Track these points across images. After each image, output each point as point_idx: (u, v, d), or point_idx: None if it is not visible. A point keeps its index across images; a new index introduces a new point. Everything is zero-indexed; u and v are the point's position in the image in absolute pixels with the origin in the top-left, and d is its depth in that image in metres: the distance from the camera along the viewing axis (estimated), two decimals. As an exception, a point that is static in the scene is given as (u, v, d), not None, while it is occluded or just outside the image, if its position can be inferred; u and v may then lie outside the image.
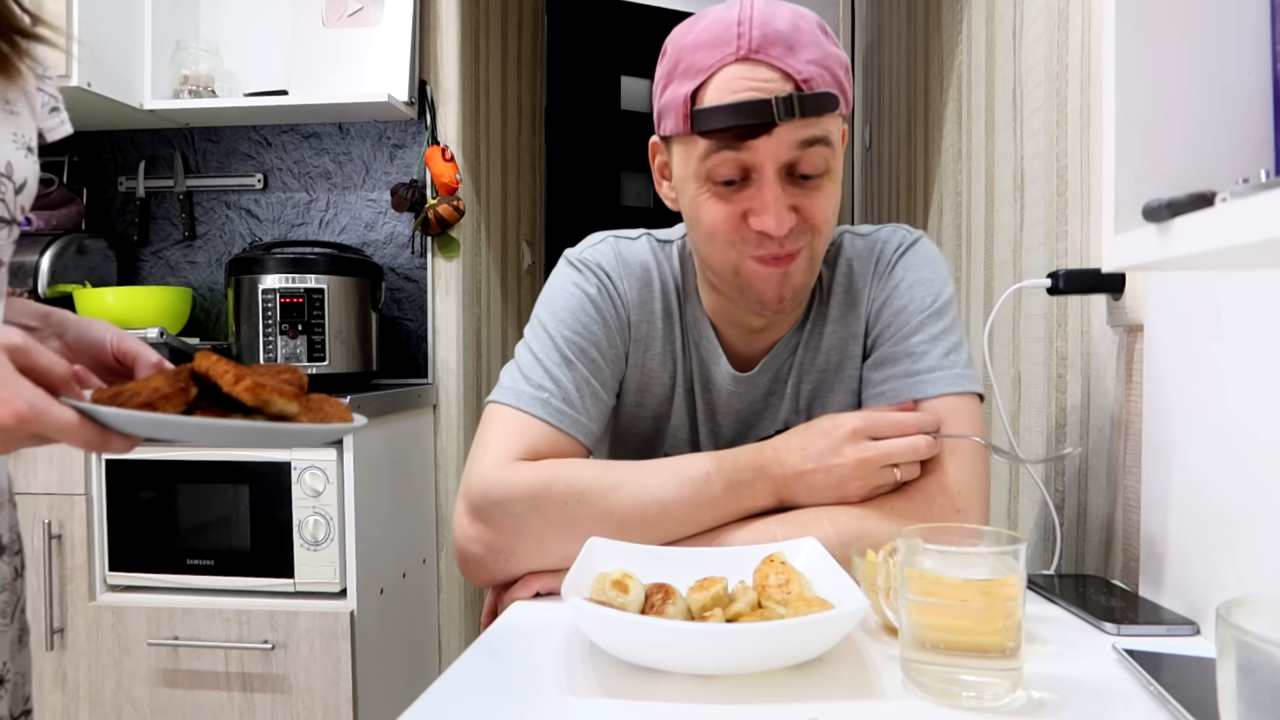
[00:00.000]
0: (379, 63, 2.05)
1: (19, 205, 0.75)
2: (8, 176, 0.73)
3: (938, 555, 0.60)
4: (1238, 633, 0.40)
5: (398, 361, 2.17)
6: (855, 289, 0.94)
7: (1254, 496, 0.66)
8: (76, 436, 0.59)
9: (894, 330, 0.90)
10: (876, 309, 0.93)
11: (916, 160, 2.07)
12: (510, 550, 0.83)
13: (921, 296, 0.90)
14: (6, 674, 0.79)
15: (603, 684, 0.61)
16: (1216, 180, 0.47)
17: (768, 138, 0.78)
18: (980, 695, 0.57)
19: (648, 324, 0.95)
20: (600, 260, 0.94)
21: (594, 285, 0.93)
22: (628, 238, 0.97)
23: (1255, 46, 0.48)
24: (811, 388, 0.95)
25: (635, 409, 0.98)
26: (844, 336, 0.94)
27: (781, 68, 0.77)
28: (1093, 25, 1.03)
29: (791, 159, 0.80)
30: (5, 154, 0.73)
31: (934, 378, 0.87)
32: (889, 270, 0.93)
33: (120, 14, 1.92)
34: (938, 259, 0.94)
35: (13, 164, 0.74)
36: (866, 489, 0.82)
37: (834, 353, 0.94)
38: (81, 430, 0.59)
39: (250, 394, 0.62)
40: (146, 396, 0.61)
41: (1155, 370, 0.83)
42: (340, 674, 1.62)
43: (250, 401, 0.62)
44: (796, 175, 0.81)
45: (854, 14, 3.18)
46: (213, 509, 1.66)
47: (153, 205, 2.24)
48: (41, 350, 0.60)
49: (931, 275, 0.92)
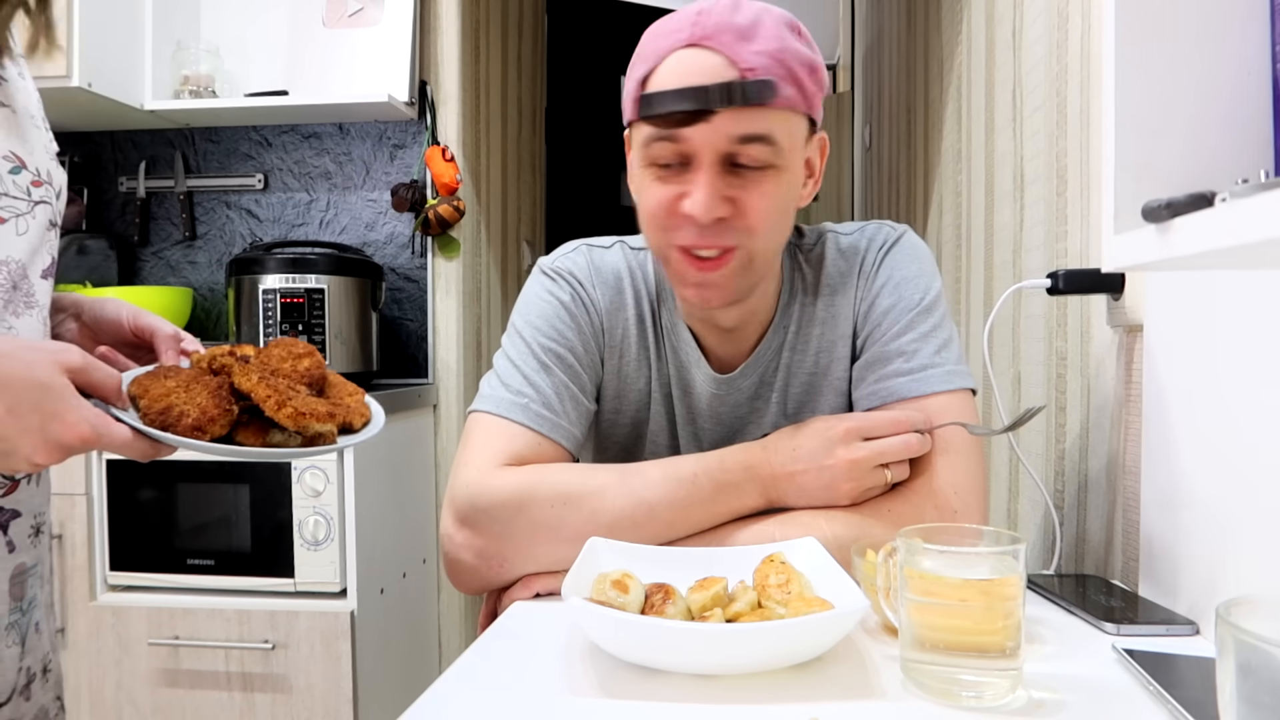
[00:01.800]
0: (379, 63, 2.05)
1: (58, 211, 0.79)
2: (49, 184, 0.77)
3: (937, 555, 0.60)
4: (1237, 632, 0.40)
5: (398, 361, 2.17)
6: (841, 289, 0.93)
7: (1254, 496, 0.66)
8: (133, 451, 0.66)
9: (883, 330, 0.90)
10: (864, 309, 0.92)
11: (916, 160, 2.07)
12: (499, 555, 0.82)
13: (909, 294, 0.89)
14: (50, 664, 0.82)
15: (603, 684, 0.61)
16: (1216, 180, 0.47)
17: (705, 125, 0.76)
18: (980, 695, 0.57)
19: (621, 330, 0.95)
20: (572, 268, 0.95)
21: (567, 292, 0.93)
22: (601, 246, 0.97)
23: (1255, 46, 0.48)
24: (801, 390, 0.94)
25: (614, 415, 0.97)
26: (832, 338, 0.93)
27: (728, 55, 0.76)
28: (1093, 25, 1.03)
29: (730, 150, 0.78)
30: (46, 164, 0.77)
31: (926, 376, 0.86)
32: (875, 269, 0.92)
33: (120, 14, 1.92)
34: (923, 254, 0.93)
35: (52, 173, 0.77)
36: (857, 491, 0.81)
37: (823, 355, 0.93)
38: (137, 445, 0.66)
39: (292, 422, 0.69)
40: (196, 419, 0.67)
41: (1155, 370, 0.83)
42: (340, 674, 1.62)
43: (292, 428, 0.70)
44: (737, 167, 0.79)
45: (854, 14, 3.18)
46: (213, 509, 1.66)
47: (153, 205, 2.24)
48: (97, 366, 0.66)
49: (918, 271, 0.91)
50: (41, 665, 0.80)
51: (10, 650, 0.76)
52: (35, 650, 0.79)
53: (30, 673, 0.78)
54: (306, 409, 0.69)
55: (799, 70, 0.78)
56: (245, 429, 0.70)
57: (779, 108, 0.77)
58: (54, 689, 0.83)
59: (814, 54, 0.81)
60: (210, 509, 1.66)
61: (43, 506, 0.80)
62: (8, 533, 0.75)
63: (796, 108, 0.79)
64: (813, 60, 0.81)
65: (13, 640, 0.76)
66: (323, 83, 2.07)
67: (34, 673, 0.79)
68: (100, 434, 0.63)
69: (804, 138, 0.83)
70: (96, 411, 0.64)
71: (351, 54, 2.07)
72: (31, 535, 0.78)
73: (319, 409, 0.70)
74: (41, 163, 0.76)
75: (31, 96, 0.78)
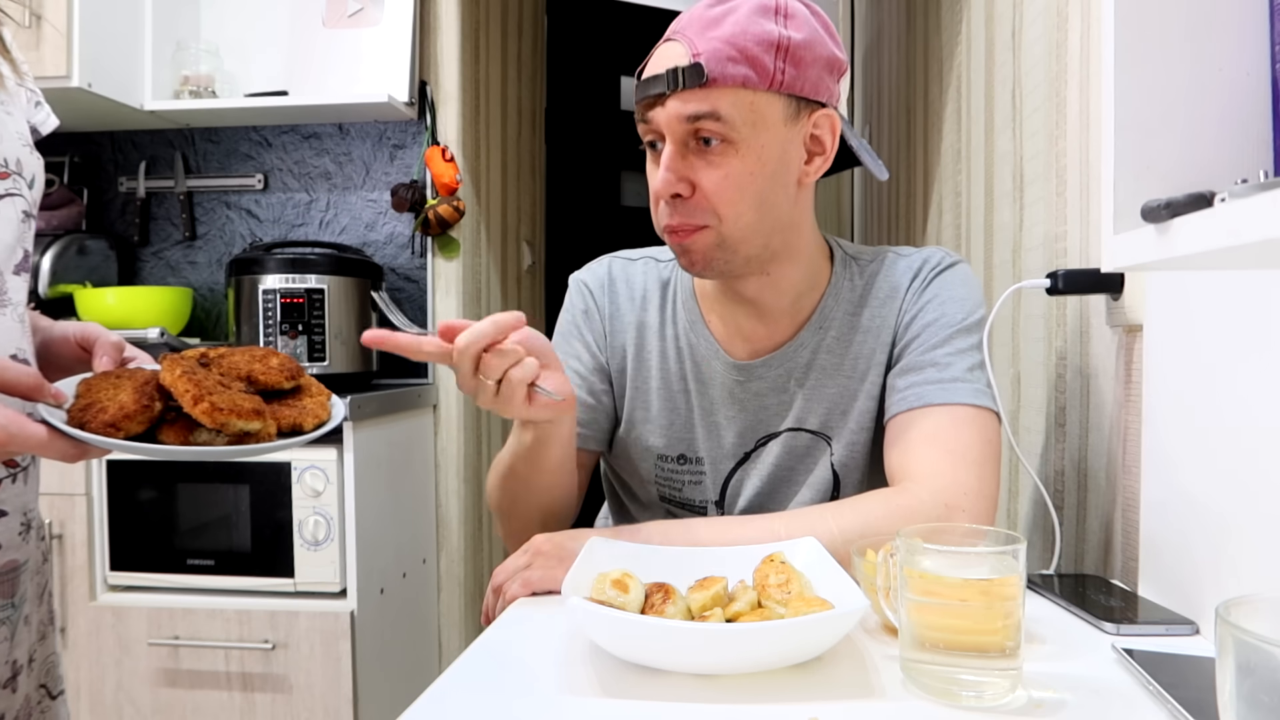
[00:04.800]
0: (379, 63, 2.05)
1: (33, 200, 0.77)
2: (19, 174, 0.75)
3: (937, 555, 0.60)
4: (1237, 632, 0.40)
5: (398, 361, 2.17)
6: (889, 301, 0.95)
7: (1253, 496, 0.66)
8: (52, 451, 0.62)
9: (922, 341, 0.92)
10: (908, 320, 0.94)
11: (916, 160, 2.07)
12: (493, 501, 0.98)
13: (953, 312, 0.92)
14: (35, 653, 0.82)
15: (603, 683, 0.61)
16: (1215, 180, 0.47)
17: (661, 108, 0.84)
18: (980, 695, 0.57)
19: (630, 332, 1.01)
20: (586, 278, 1.04)
21: (582, 303, 1.03)
22: (626, 257, 1.05)
23: (1255, 46, 0.48)
24: (835, 392, 0.96)
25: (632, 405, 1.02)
26: (873, 346, 0.95)
27: (687, 43, 0.82)
28: (1092, 25, 1.03)
29: (687, 129, 0.83)
30: (15, 152, 0.74)
31: (956, 387, 0.88)
32: (925, 286, 0.95)
33: (120, 14, 1.92)
34: (974, 282, 0.96)
35: (22, 161, 0.75)
36: None
37: (860, 361, 0.95)
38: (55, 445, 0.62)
39: (208, 417, 0.64)
40: (112, 415, 0.63)
41: (1154, 370, 0.83)
42: (340, 674, 1.62)
43: (209, 424, 0.65)
44: (703, 148, 0.84)
45: (854, 14, 3.18)
46: (213, 509, 1.66)
47: (153, 205, 2.24)
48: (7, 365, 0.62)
49: (965, 295, 0.94)
50: (28, 655, 0.80)
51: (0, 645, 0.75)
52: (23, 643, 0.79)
53: (16, 665, 0.78)
54: (226, 405, 0.65)
55: (757, 51, 0.81)
56: (170, 427, 0.66)
57: (725, 86, 0.81)
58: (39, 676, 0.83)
59: (794, 32, 0.83)
60: (210, 509, 1.66)
61: (32, 503, 0.79)
62: None
63: (751, 85, 0.82)
64: (783, 39, 0.82)
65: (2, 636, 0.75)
66: (323, 83, 2.07)
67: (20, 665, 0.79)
68: (10, 433, 0.59)
69: (781, 115, 0.84)
70: (9, 411, 0.60)
71: (351, 54, 2.07)
72: (22, 532, 0.77)
73: (243, 406, 0.66)
74: (9, 151, 0.73)
75: None
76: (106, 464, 1.66)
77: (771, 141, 0.84)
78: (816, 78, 0.85)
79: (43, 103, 0.86)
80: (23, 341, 0.75)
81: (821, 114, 0.87)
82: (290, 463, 1.62)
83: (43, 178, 0.79)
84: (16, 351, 0.73)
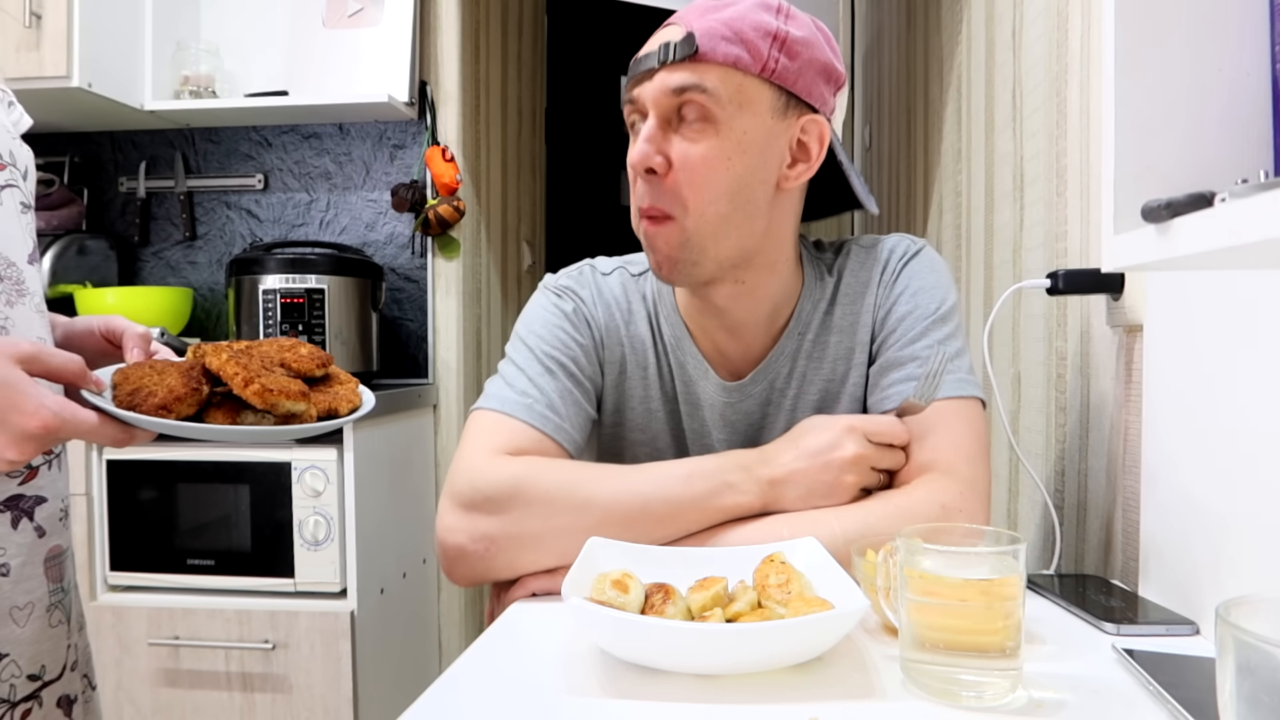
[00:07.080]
0: (379, 63, 2.05)
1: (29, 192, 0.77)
2: (13, 165, 0.75)
3: (937, 555, 0.60)
4: (1237, 632, 0.40)
5: (398, 361, 2.17)
6: (860, 296, 0.94)
7: (1253, 496, 0.66)
8: (103, 436, 0.64)
9: (899, 335, 0.91)
10: (882, 315, 0.93)
11: (916, 160, 2.07)
12: (490, 539, 0.81)
13: (926, 303, 0.91)
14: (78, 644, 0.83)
15: (603, 684, 0.61)
16: (1216, 180, 0.47)
17: (649, 83, 0.83)
18: (980, 695, 0.57)
19: (621, 350, 0.97)
20: (573, 285, 0.98)
21: (570, 305, 0.96)
22: (601, 270, 1.00)
23: (1255, 46, 0.48)
24: (817, 397, 0.95)
25: (614, 429, 0.98)
26: (850, 345, 0.94)
27: (685, 24, 0.82)
28: (1092, 25, 1.03)
29: (670, 103, 0.82)
30: (6, 144, 0.75)
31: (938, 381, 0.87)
32: (894, 278, 0.93)
33: (120, 14, 1.92)
34: (941, 267, 0.95)
35: (15, 153, 0.76)
36: (859, 484, 0.83)
37: (840, 362, 0.94)
38: (105, 430, 0.64)
39: (259, 398, 0.67)
40: (163, 398, 0.65)
41: (1155, 370, 0.83)
42: (340, 674, 1.62)
43: (259, 405, 0.68)
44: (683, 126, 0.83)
45: (854, 14, 3.18)
46: (213, 509, 1.66)
47: (153, 205, 2.24)
48: (52, 352, 0.64)
49: (935, 283, 0.93)
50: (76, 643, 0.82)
51: (58, 629, 0.77)
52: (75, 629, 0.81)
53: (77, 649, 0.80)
54: (275, 386, 0.68)
55: (753, 36, 0.81)
56: (217, 410, 0.69)
57: (715, 63, 0.81)
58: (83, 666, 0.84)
59: (793, 29, 0.83)
60: (210, 509, 1.66)
61: (65, 490, 0.80)
62: (34, 519, 0.74)
63: (742, 67, 0.81)
64: (780, 31, 0.82)
65: (58, 619, 0.77)
66: (323, 83, 2.07)
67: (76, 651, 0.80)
68: (64, 420, 0.61)
69: (769, 105, 0.83)
70: (59, 398, 0.62)
71: (351, 54, 2.07)
72: (62, 518, 0.79)
73: (290, 387, 0.69)
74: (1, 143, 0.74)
75: None
76: (106, 464, 1.66)
77: (754, 129, 0.83)
78: (810, 79, 0.84)
79: (15, 103, 0.85)
80: (44, 332, 0.76)
81: (811, 119, 0.85)
82: (290, 463, 1.62)
83: (34, 171, 0.79)
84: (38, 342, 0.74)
